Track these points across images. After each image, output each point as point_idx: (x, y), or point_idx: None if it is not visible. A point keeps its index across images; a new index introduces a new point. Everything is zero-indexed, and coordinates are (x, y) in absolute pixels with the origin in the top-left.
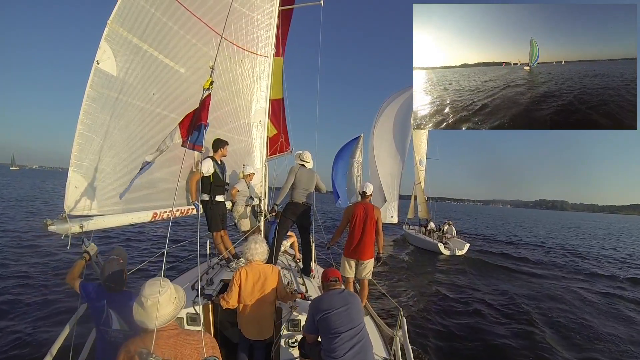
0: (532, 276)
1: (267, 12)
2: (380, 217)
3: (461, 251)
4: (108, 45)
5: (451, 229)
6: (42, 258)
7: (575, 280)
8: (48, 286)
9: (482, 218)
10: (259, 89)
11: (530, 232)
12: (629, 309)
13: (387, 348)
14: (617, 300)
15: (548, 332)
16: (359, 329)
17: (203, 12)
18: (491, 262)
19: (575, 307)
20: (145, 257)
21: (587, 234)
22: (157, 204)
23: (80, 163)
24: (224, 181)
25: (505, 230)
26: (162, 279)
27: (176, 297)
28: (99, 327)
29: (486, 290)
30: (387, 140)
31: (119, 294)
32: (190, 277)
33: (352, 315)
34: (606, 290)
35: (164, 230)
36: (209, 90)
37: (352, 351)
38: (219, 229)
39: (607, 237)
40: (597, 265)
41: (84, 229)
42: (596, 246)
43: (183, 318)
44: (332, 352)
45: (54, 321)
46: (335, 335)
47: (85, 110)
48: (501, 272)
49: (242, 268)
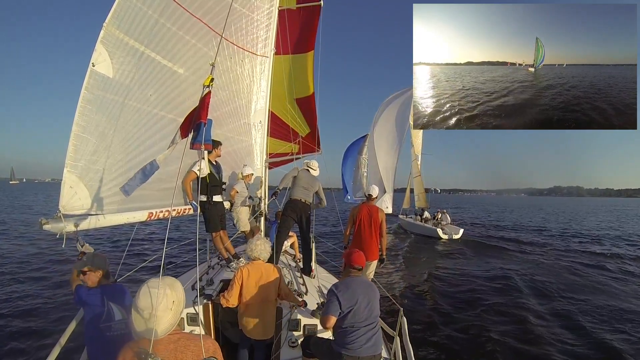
0: (523, 253)
1: (267, 12)
2: (385, 219)
3: (457, 235)
4: (104, 48)
5: (445, 216)
6: (41, 258)
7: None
8: (50, 287)
9: (492, 210)
10: (259, 89)
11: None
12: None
13: (387, 348)
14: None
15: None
16: (375, 322)
17: (203, 13)
18: (485, 242)
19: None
20: (144, 258)
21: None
22: (153, 204)
23: (76, 164)
24: (220, 181)
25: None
26: (156, 282)
27: (174, 302)
28: (100, 326)
29: (482, 270)
30: (386, 137)
31: (111, 286)
32: (190, 277)
33: (372, 311)
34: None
35: (163, 231)
36: (209, 87)
37: (368, 344)
38: (217, 229)
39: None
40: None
41: (79, 228)
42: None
43: (183, 318)
44: (347, 344)
45: (55, 321)
46: (355, 329)
47: (80, 112)
48: (495, 251)
49: (243, 267)
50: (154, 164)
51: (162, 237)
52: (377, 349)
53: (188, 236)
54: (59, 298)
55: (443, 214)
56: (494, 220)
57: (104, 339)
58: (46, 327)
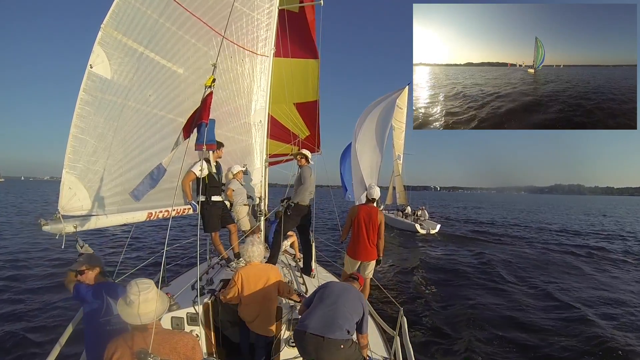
0: (492, 242)
1: (267, 11)
2: (384, 221)
3: (434, 230)
4: (102, 49)
5: (424, 212)
6: (42, 258)
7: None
8: (50, 287)
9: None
10: (259, 89)
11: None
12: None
13: (387, 348)
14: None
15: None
16: (335, 308)
17: (203, 12)
18: (461, 235)
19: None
20: (144, 257)
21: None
22: (152, 204)
23: (75, 165)
24: (219, 182)
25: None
26: (147, 280)
27: (160, 295)
28: (100, 320)
29: (465, 259)
30: (370, 138)
31: (108, 283)
32: (190, 277)
33: (340, 304)
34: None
35: (163, 232)
36: (210, 87)
37: (318, 324)
38: (217, 229)
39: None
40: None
41: (78, 228)
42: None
43: (183, 318)
44: (301, 321)
45: (55, 322)
46: (312, 308)
47: (78, 114)
48: (470, 242)
49: (242, 268)
50: (160, 167)
51: (162, 237)
52: (327, 331)
53: (188, 236)
54: (59, 298)
55: (422, 210)
56: (478, 217)
57: (104, 332)
58: (46, 327)
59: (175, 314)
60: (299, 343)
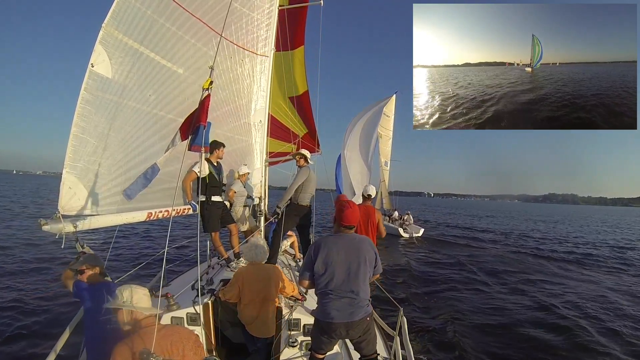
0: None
1: (267, 11)
2: (382, 220)
3: (417, 234)
4: (103, 48)
5: (409, 217)
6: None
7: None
8: (49, 288)
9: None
10: (259, 89)
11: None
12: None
13: (387, 348)
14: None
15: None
16: (356, 290)
17: (203, 12)
18: (442, 240)
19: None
20: (144, 257)
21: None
22: (152, 204)
23: (75, 164)
24: (220, 182)
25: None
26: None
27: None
28: (100, 318)
29: (445, 261)
30: (358, 145)
31: (107, 283)
32: (190, 277)
33: (354, 276)
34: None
35: (162, 232)
36: (208, 90)
37: (342, 312)
38: (217, 229)
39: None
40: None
41: (78, 228)
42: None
43: (183, 318)
44: (321, 309)
45: (56, 322)
46: (328, 295)
47: (79, 113)
48: (451, 246)
49: (244, 268)
50: (155, 167)
51: (162, 237)
52: (353, 316)
53: (188, 236)
54: (59, 298)
55: (408, 215)
56: (464, 222)
57: (105, 330)
58: (46, 327)
59: (175, 314)
60: (325, 332)
